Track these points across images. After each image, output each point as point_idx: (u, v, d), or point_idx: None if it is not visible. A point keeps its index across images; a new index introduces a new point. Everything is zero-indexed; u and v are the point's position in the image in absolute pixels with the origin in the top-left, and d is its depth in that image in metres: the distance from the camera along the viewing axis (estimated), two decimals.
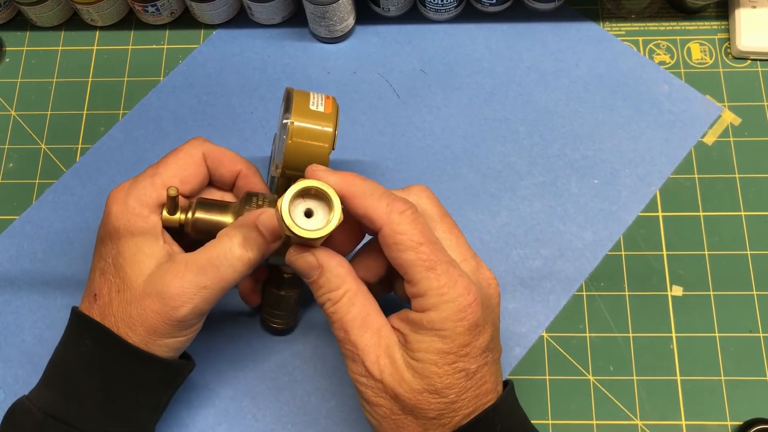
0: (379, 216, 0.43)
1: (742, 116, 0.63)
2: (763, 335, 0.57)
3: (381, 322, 0.44)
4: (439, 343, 0.42)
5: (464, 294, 0.42)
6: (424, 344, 0.42)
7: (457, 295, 0.42)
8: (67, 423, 0.46)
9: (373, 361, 0.43)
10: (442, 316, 0.42)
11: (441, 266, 0.42)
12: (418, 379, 0.42)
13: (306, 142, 0.49)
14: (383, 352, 0.43)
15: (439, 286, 0.42)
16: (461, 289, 0.42)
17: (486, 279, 0.46)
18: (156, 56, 0.68)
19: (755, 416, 0.54)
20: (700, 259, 0.59)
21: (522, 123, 0.64)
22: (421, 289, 0.42)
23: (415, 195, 0.47)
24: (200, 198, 0.51)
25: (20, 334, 0.59)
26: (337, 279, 0.44)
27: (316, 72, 0.66)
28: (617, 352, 0.57)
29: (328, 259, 0.44)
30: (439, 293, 0.42)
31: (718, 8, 0.67)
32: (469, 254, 0.46)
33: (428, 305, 0.42)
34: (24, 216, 0.63)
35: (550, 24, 0.67)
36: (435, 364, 0.42)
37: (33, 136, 0.66)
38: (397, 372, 0.43)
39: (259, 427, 0.56)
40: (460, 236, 0.46)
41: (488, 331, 0.43)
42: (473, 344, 0.42)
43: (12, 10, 0.70)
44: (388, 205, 0.43)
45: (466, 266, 0.45)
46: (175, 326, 0.46)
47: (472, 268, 0.45)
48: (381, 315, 0.45)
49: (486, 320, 0.43)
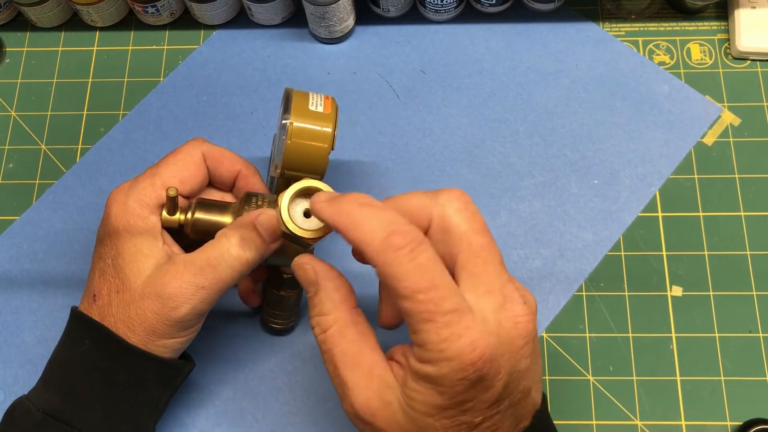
0: (371, 253, 0.37)
1: (741, 116, 0.63)
2: (762, 335, 0.57)
3: (374, 358, 0.40)
4: (438, 398, 0.37)
5: (467, 351, 0.36)
6: (420, 395, 0.38)
7: (458, 353, 0.36)
8: (67, 423, 0.47)
9: (363, 404, 0.39)
10: (440, 373, 0.37)
11: (442, 317, 0.36)
12: (414, 426, 0.38)
13: (305, 143, 0.49)
14: (375, 395, 0.39)
15: (438, 341, 0.36)
16: (464, 345, 0.36)
17: (512, 318, 0.39)
18: (156, 57, 0.68)
19: (755, 416, 0.54)
20: (699, 259, 0.59)
21: (522, 123, 0.64)
22: (419, 340, 0.37)
23: (443, 203, 0.41)
24: (200, 198, 0.51)
25: (20, 334, 0.59)
26: (329, 304, 0.41)
27: (315, 72, 0.66)
28: (617, 352, 0.57)
29: (327, 279, 0.41)
30: (438, 349, 0.36)
31: (718, 8, 0.67)
32: (496, 284, 0.39)
33: (426, 358, 0.37)
34: (24, 216, 0.63)
35: (550, 24, 0.67)
36: (432, 416, 0.38)
37: (33, 137, 0.66)
38: (391, 415, 0.39)
39: (259, 427, 0.56)
40: (491, 259, 0.40)
41: (501, 381, 0.38)
42: (478, 398, 0.38)
43: (12, 11, 0.70)
44: (382, 241, 0.37)
45: (487, 303, 0.39)
46: (174, 327, 0.46)
47: (495, 305, 0.39)
48: (376, 350, 0.40)
49: (498, 370, 0.38)
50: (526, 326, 0.39)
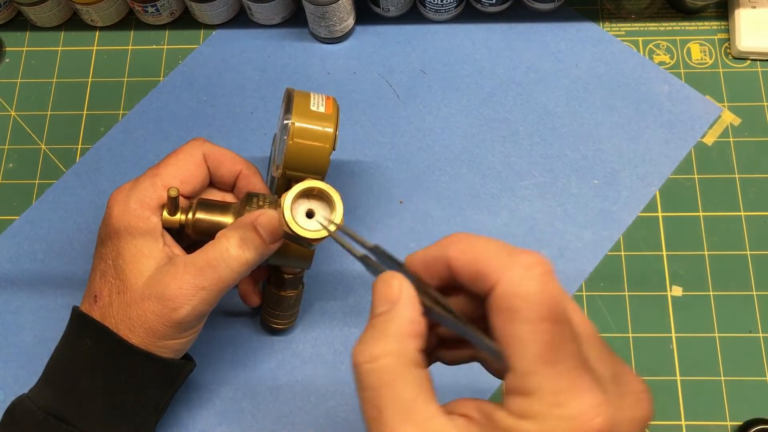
0: (494, 268, 0.31)
1: (741, 116, 0.63)
2: (762, 335, 0.57)
3: (432, 411, 0.31)
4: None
5: (590, 414, 0.29)
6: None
7: (577, 413, 0.29)
8: (68, 422, 0.46)
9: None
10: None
11: (566, 362, 0.29)
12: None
13: (307, 143, 0.49)
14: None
15: (556, 391, 0.29)
16: (587, 405, 0.29)
17: (634, 393, 0.32)
18: (156, 56, 0.68)
19: (755, 416, 0.54)
20: (699, 259, 0.59)
21: (522, 123, 0.64)
22: (527, 386, 0.29)
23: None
24: (201, 198, 0.51)
25: (20, 334, 0.59)
26: (397, 330, 0.32)
27: (316, 72, 0.66)
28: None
29: (409, 306, 0.33)
30: (554, 401, 0.29)
31: (718, 8, 0.67)
32: (606, 355, 0.32)
33: (531, 412, 0.29)
34: (24, 216, 0.63)
35: (550, 24, 0.67)
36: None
37: (33, 137, 0.66)
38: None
39: (259, 427, 0.56)
40: (589, 329, 0.33)
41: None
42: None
43: (12, 11, 0.70)
44: (509, 255, 0.31)
45: (601, 369, 0.31)
46: (174, 328, 0.46)
47: (610, 373, 0.32)
48: (433, 402, 0.31)
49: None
50: (648, 407, 0.32)
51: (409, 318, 0.32)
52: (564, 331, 0.30)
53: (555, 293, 0.30)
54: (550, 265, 0.31)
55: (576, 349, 0.30)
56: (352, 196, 0.62)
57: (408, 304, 0.33)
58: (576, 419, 0.29)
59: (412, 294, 0.33)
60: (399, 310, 0.33)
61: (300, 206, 0.46)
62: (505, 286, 0.30)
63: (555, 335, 0.29)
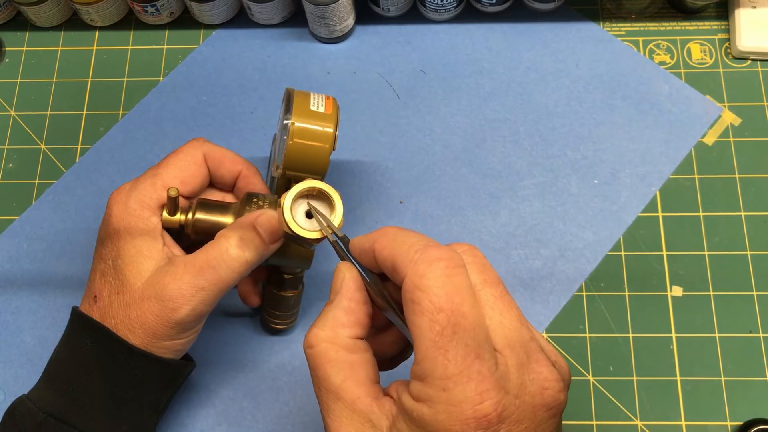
0: (403, 262, 0.33)
1: (742, 116, 0.63)
2: (763, 335, 0.57)
3: (359, 392, 0.34)
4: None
5: (474, 400, 0.30)
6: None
7: (463, 398, 0.31)
8: (68, 423, 0.47)
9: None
10: (435, 417, 0.31)
11: (457, 349, 0.31)
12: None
13: (307, 143, 0.49)
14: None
15: (445, 377, 0.31)
16: (473, 391, 0.31)
17: (538, 381, 0.33)
18: (156, 56, 0.68)
19: (755, 416, 0.54)
20: (700, 259, 0.59)
21: (522, 123, 0.64)
22: (422, 371, 0.32)
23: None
24: (201, 199, 0.51)
25: (20, 334, 0.59)
26: (331, 321, 0.36)
27: (316, 72, 0.66)
28: (617, 352, 0.57)
29: (348, 298, 0.36)
30: (442, 386, 0.31)
31: (718, 8, 0.67)
32: (516, 341, 0.33)
33: (425, 396, 0.32)
34: (24, 216, 0.63)
35: (550, 24, 0.67)
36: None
37: (33, 137, 0.66)
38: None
39: (259, 427, 0.56)
40: (507, 313, 0.34)
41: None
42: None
43: (12, 11, 0.70)
44: (418, 251, 0.33)
45: (507, 358, 0.33)
46: (174, 328, 0.46)
47: (516, 362, 0.33)
48: (364, 384, 0.35)
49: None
50: (555, 396, 0.33)
51: (345, 307, 0.36)
52: (458, 321, 0.31)
53: (457, 286, 0.32)
54: (460, 260, 0.33)
55: (470, 338, 0.31)
56: (352, 196, 0.62)
57: (345, 294, 0.36)
58: (462, 404, 0.31)
59: (352, 285, 0.36)
60: (337, 299, 0.36)
61: (300, 206, 0.46)
62: (409, 280, 0.33)
63: (448, 325, 0.31)
